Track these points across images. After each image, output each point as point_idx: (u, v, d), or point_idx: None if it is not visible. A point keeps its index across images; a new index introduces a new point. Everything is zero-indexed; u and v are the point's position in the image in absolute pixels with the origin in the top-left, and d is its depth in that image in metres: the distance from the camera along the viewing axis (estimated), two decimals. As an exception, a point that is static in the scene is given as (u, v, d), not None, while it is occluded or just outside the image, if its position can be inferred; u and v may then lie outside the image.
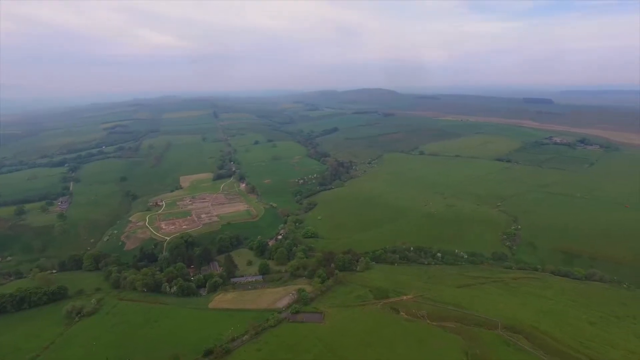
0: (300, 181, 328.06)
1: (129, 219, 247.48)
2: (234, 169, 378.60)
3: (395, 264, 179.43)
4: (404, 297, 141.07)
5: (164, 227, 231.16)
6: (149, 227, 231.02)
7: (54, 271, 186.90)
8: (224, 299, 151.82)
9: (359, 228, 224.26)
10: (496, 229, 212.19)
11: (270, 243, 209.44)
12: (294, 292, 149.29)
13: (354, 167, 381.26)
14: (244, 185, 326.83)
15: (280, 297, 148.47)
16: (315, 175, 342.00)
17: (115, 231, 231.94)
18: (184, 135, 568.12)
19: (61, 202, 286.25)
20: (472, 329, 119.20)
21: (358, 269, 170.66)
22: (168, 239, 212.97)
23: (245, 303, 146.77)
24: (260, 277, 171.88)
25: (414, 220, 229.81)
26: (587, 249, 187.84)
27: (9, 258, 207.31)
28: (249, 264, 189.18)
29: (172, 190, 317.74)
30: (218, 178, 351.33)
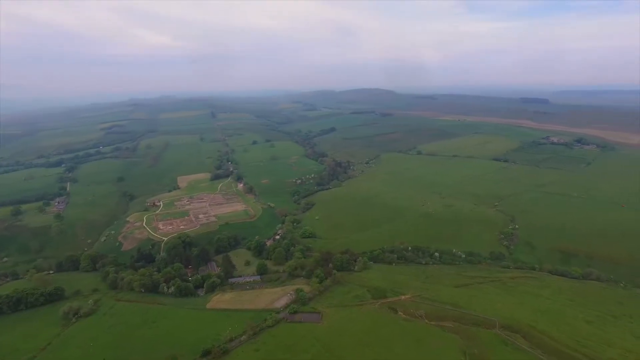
0: (298, 181, 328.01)
1: (127, 220, 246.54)
2: (231, 169, 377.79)
3: (393, 264, 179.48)
4: (402, 297, 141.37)
5: (161, 228, 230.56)
6: (147, 228, 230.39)
7: (51, 272, 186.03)
8: (221, 300, 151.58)
9: (357, 228, 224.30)
10: (494, 228, 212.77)
11: (268, 243, 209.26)
12: (291, 292, 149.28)
13: (351, 167, 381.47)
14: (241, 185, 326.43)
15: (278, 297, 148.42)
16: (313, 175, 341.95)
17: (113, 232, 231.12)
18: (182, 135, 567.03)
19: (58, 203, 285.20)
20: (470, 328, 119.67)
21: (356, 269, 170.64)
22: (165, 239, 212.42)
23: (243, 303, 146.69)
24: (258, 277, 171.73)
25: (412, 220, 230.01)
26: (584, 248, 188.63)
27: (5, 259, 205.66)
28: (247, 264, 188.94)
29: (170, 191, 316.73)
30: (216, 178, 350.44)
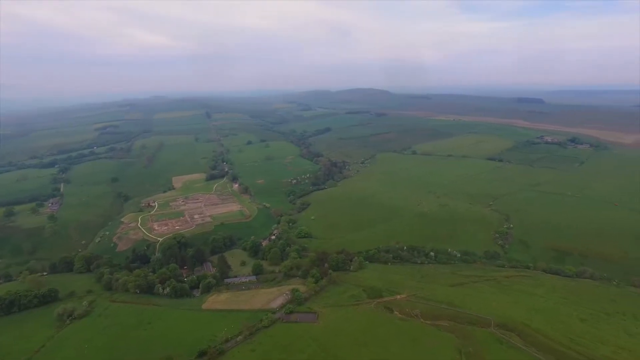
0: (294, 181, 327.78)
1: (121, 220, 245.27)
2: (226, 169, 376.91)
3: (389, 264, 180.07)
4: (398, 297, 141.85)
5: (156, 228, 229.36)
6: (141, 228, 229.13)
7: (45, 273, 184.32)
8: (217, 300, 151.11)
9: (353, 228, 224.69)
10: (488, 228, 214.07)
11: (264, 243, 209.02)
12: (287, 292, 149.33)
13: (347, 167, 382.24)
14: (237, 185, 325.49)
15: (274, 298, 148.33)
16: (308, 175, 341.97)
17: (107, 232, 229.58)
18: (177, 135, 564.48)
19: (52, 204, 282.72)
20: (465, 327, 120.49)
21: (352, 269, 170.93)
22: (161, 240, 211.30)
23: (239, 304, 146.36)
24: (253, 278, 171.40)
25: (407, 219, 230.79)
26: (578, 246, 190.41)
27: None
28: (243, 264, 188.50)
29: (165, 191, 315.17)
30: (211, 178, 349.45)
